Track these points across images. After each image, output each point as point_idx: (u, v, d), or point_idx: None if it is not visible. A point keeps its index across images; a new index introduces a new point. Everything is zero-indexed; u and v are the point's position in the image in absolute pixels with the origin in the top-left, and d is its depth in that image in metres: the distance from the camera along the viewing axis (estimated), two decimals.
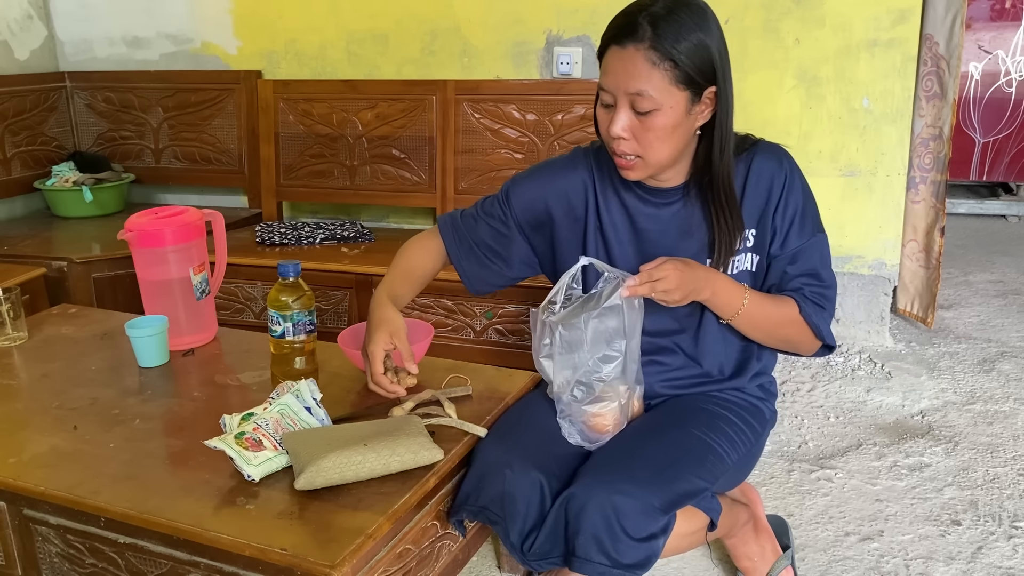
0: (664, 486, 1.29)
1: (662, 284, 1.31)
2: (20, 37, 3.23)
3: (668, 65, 1.28)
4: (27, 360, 1.82)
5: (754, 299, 1.41)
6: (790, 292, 1.44)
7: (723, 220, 1.41)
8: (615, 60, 1.31)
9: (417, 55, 2.94)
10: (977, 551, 1.77)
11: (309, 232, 2.75)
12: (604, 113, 1.36)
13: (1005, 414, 2.35)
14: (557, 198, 1.51)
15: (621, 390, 1.41)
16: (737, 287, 1.41)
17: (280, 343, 1.64)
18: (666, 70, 1.28)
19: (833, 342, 1.47)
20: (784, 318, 1.43)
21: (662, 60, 1.27)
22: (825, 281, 1.45)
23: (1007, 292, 3.33)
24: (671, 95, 1.30)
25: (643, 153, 1.35)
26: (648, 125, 1.31)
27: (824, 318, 1.44)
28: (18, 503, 1.33)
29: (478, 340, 2.42)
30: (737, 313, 1.41)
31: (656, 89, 1.29)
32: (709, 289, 1.37)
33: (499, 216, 1.56)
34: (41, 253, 2.59)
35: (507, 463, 1.32)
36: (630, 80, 1.29)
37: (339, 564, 1.10)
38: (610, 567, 1.24)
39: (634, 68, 1.28)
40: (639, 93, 1.29)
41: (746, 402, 1.53)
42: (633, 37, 1.28)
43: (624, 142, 1.34)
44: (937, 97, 2.67)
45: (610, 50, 1.32)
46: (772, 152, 1.45)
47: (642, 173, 1.39)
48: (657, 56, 1.27)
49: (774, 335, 1.46)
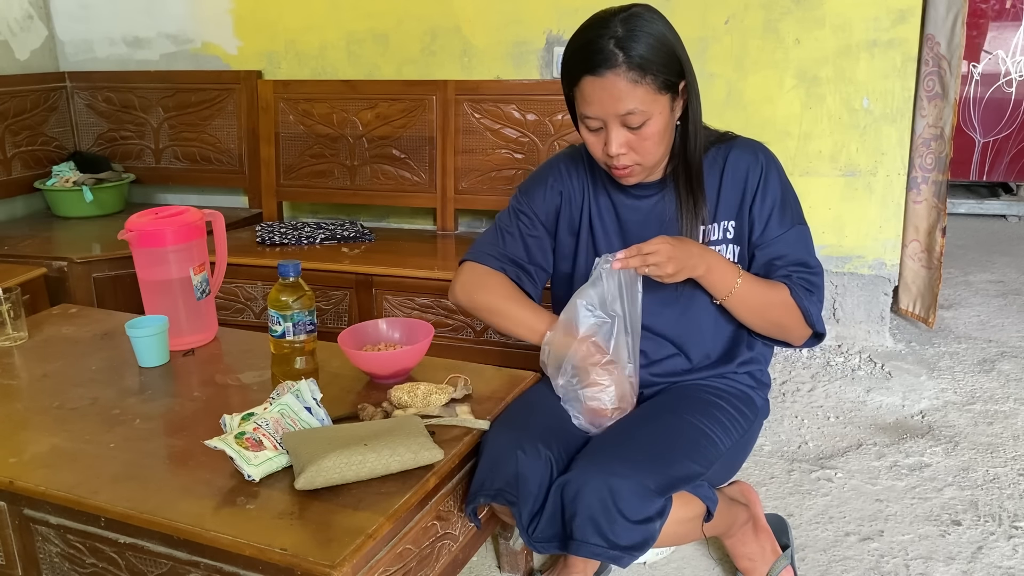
0: (659, 469, 1.32)
1: (653, 257, 1.34)
2: (20, 37, 3.24)
3: (648, 79, 1.34)
4: (27, 360, 1.82)
5: (747, 279, 1.44)
6: (779, 279, 1.47)
7: (688, 207, 1.47)
8: (596, 90, 1.36)
9: (417, 55, 2.94)
10: (977, 551, 1.77)
11: (309, 232, 2.75)
12: (594, 137, 1.42)
13: (1005, 414, 2.35)
14: (563, 194, 1.58)
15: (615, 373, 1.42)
16: (731, 267, 1.44)
17: (280, 343, 1.64)
18: (648, 84, 1.35)
19: (823, 329, 1.50)
20: (776, 299, 1.45)
21: (642, 77, 1.34)
22: (813, 268, 1.49)
23: (1007, 292, 3.33)
24: (657, 103, 1.37)
25: (641, 160, 1.41)
26: (643, 135, 1.38)
27: (813, 303, 1.47)
28: (18, 503, 1.33)
29: (478, 340, 2.42)
30: (731, 292, 1.43)
31: (643, 103, 1.35)
32: (703, 265, 1.39)
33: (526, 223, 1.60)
34: (41, 253, 2.59)
35: (518, 445, 1.36)
36: (618, 103, 1.35)
37: (339, 564, 1.10)
38: (607, 548, 1.26)
39: (618, 92, 1.34)
40: (630, 112, 1.35)
41: (737, 390, 1.56)
42: (607, 64, 1.33)
43: (623, 156, 1.40)
44: (938, 97, 2.67)
45: (585, 80, 1.36)
46: (749, 146, 1.51)
47: (640, 176, 1.46)
48: (636, 75, 1.34)
49: (766, 317, 1.48)
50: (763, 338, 1.54)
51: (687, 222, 1.47)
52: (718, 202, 1.49)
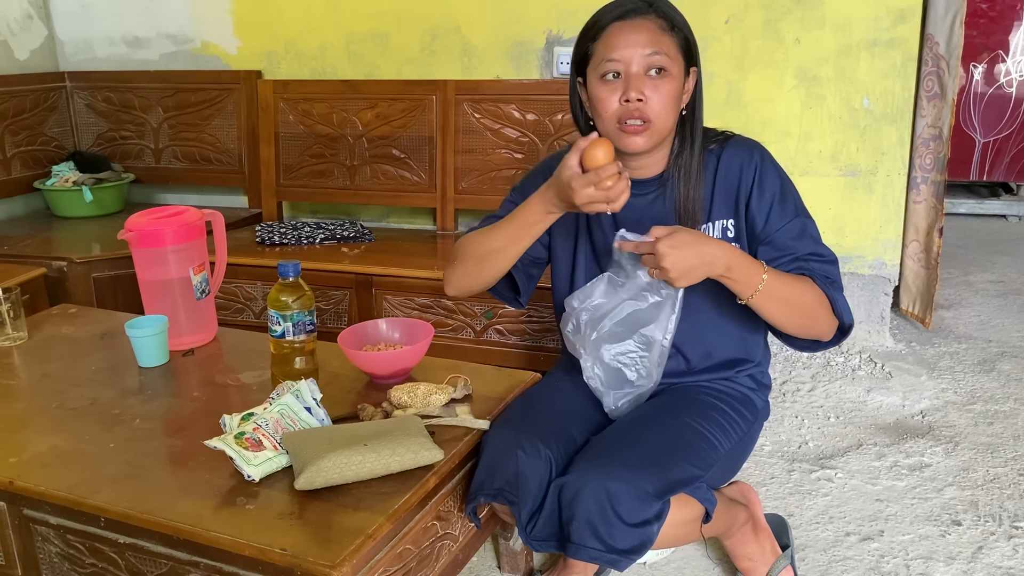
0: (657, 472, 1.31)
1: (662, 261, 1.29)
2: (20, 37, 3.23)
3: (675, 32, 1.40)
4: (27, 360, 1.82)
5: (773, 275, 1.35)
6: (796, 271, 1.42)
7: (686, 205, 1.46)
8: (624, 32, 1.38)
9: (417, 55, 2.94)
10: (977, 551, 1.77)
11: (309, 232, 2.75)
12: (608, 88, 1.39)
13: (1005, 414, 2.35)
14: None
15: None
16: (755, 262, 1.35)
17: (280, 343, 1.64)
18: (673, 36, 1.39)
19: (851, 319, 1.43)
20: (804, 291, 1.38)
21: (670, 27, 1.39)
22: (827, 256, 1.44)
23: (1007, 292, 3.33)
24: (677, 62, 1.40)
25: (653, 117, 1.39)
26: (660, 87, 1.38)
27: (838, 289, 1.42)
28: (18, 503, 1.33)
29: (478, 340, 2.42)
30: (757, 290, 1.34)
31: (669, 51, 1.38)
32: (723, 265, 1.31)
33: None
34: (41, 253, 2.59)
35: (518, 444, 1.35)
36: (647, 44, 1.37)
37: (339, 564, 1.10)
38: (604, 552, 1.26)
39: (648, 33, 1.38)
40: (656, 52, 1.37)
41: (738, 392, 1.55)
42: (637, 12, 1.39)
43: (641, 105, 1.37)
44: (938, 97, 2.67)
45: (613, 27, 1.39)
46: (743, 144, 1.50)
47: (647, 141, 1.40)
48: (665, 24, 1.39)
49: (795, 312, 1.39)
50: (791, 340, 1.47)
51: (684, 221, 1.46)
52: (712, 201, 1.48)
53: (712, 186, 1.48)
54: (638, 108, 1.37)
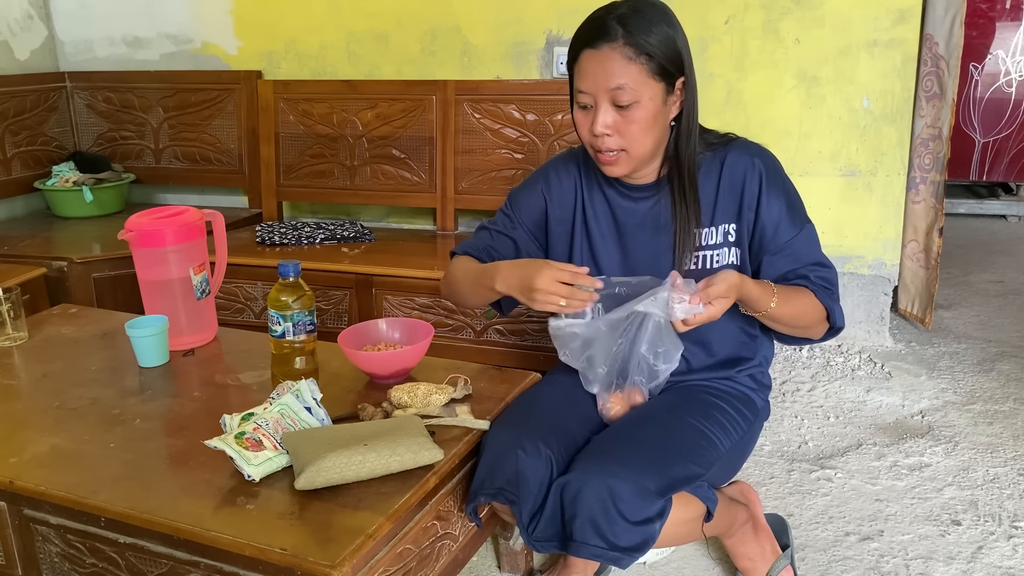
0: (659, 470, 1.32)
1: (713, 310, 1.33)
2: (20, 37, 3.23)
3: (643, 59, 1.35)
4: (27, 360, 1.82)
5: (780, 300, 1.41)
6: (798, 281, 1.47)
7: (683, 210, 1.46)
8: (591, 62, 1.37)
9: (417, 55, 2.94)
10: (977, 551, 1.77)
11: (309, 232, 2.75)
12: (583, 115, 1.42)
13: (1005, 414, 2.35)
14: (552, 196, 1.59)
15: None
16: (764, 293, 1.40)
17: (280, 343, 1.64)
18: (642, 63, 1.35)
19: (843, 323, 1.50)
20: (805, 306, 1.45)
21: (637, 55, 1.35)
22: (826, 264, 1.50)
23: (1007, 292, 3.33)
24: (648, 87, 1.36)
25: (628, 146, 1.40)
26: (630, 118, 1.37)
27: (834, 298, 1.48)
28: (18, 503, 1.33)
29: (478, 340, 2.42)
30: (763, 314, 1.43)
31: (635, 82, 1.35)
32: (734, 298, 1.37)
33: (505, 224, 1.62)
34: (41, 253, 2.59)
35: (518, 444, 1.36)
36: (609, 77, 1.35)
37: (339, 564, 1.10)
38: (606, 550, 1.26)
39: (611, 65, 1.35)
40: (619, 88, 1.35)
41: (738, 392, 1.56)
42: (606, 38, 1.35)
43: (608, 138, 1.39)
44: (937, 97, 2.67)
45: (584, 54, 1.38)
46: (746, 148, 1.50)
47: (625, 168, 1.44)
48: (632, 51, 1.35)
49: (796, 325, 1.47)
50: (784, 338, 1.55)
51: (682, 225, 1.47)
52: (715, 205, 1.49)
53: (716, 190, 1.48)
54: (605, 142, 1.40)
